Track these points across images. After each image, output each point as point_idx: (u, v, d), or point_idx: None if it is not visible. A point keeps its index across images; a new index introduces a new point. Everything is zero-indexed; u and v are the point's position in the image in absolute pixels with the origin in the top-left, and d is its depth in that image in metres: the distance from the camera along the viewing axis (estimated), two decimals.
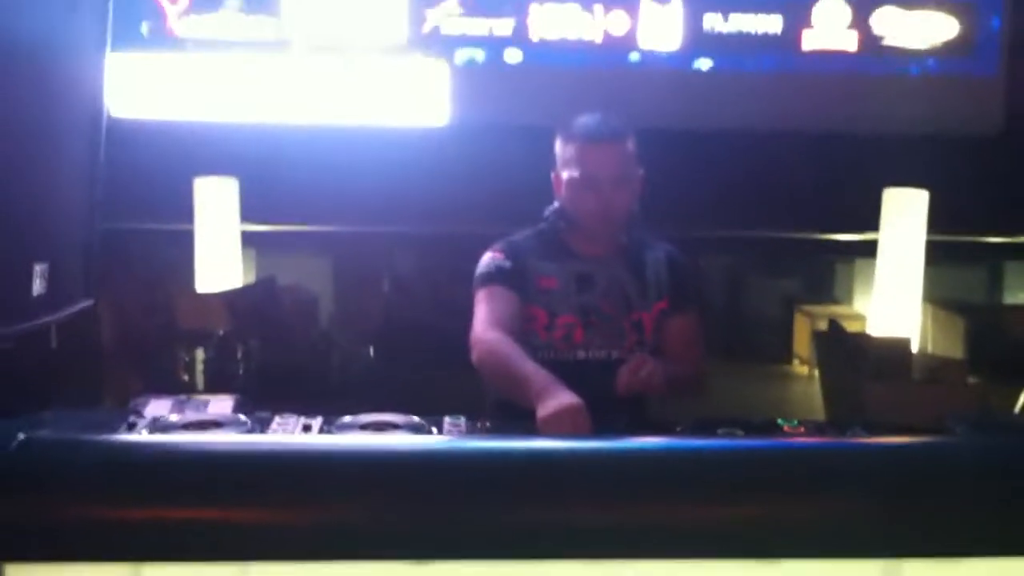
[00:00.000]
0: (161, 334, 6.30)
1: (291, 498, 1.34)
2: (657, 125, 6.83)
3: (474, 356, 2.27)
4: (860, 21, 6.64)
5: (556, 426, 1.94)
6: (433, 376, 4.52)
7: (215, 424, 1.96)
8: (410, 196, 6.48)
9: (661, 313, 2.43)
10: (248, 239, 7.75)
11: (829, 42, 6.68)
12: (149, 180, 6.94)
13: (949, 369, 6.27)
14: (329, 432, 1.94)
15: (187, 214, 7.30)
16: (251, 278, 7.80)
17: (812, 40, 6.69)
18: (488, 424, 2.05)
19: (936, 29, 6.58)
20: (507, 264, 2.37)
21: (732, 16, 6.63)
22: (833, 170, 7.11)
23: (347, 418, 2.02)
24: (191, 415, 2.02)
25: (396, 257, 8.34)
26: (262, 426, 1.97)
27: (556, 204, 2.44)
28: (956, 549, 1.38)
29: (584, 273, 2.41)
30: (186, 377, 5.20)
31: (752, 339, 8.76)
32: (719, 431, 1.99)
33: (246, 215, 7.07)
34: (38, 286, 1.85)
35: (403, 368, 5.83)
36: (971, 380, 6.26)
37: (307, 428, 1.99)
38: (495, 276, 2.37)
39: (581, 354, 2.37)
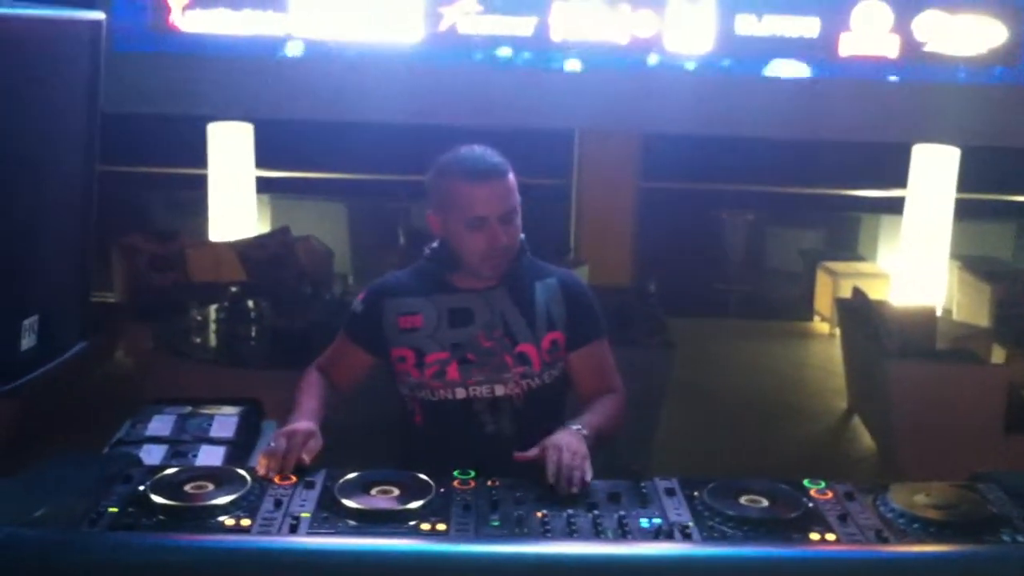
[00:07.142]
0: (173, 288, 6.22)
1: None
2: (682, 130, 6.69)
3: None
4: (902, 25, 6.29)
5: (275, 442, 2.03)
6: None
7: (215, 481, 1.88)
8: None
9: (553, 344, 2.30)
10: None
11: (868, 47, 6.37)
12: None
13: (974, 338, 6.16)
14: (332, 491, 1.86)
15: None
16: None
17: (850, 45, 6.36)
18: (498, 482, 1.96)
19: (982, 36, 6.23)
20: (361, 311, 2.37)
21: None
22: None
23: (352, 475, 1.93)
24: (191, 471, 1.94)
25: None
26: (261, 487, 1.89)
27: (436, 243, 2.33)
28: None
29: (460, 308, 2.29)
30: (198, 340, 5.11)
31: (774, 296, 8.66)
32: (743, 498, 1.88)
33: None
34: (27, 340, 1.76)
35: None
36: (996, 349, 6.16)
37: (309, 485, 1.91)
38: (347, 324, 2.43)
39: (461, 392, 2.27)
